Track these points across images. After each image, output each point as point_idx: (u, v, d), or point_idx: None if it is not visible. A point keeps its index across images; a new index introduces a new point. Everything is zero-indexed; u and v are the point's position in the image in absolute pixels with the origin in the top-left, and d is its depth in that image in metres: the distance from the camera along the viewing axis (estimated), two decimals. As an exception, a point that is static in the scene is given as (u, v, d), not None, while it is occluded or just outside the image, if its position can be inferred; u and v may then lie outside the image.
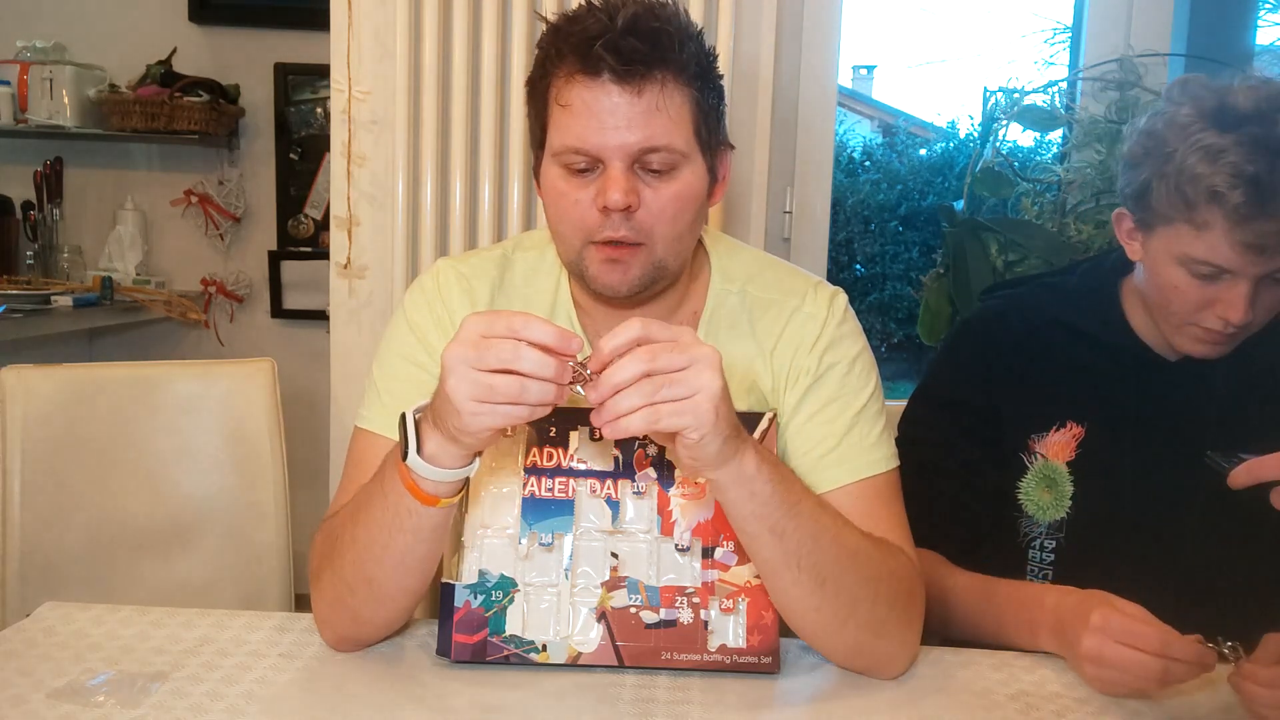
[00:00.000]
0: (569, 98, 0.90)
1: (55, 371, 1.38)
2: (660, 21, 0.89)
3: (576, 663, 0.92)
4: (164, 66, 2.78)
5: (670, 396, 0.75)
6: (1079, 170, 2.00)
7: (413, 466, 0.82)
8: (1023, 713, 0.89)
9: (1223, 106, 1.03)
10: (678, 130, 0.91)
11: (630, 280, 0.93)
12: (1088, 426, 1.17)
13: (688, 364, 0.76)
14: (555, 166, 0.93)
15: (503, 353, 0.74)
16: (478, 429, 0.77)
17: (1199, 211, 1.02)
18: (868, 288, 6.45)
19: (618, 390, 0.74)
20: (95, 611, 1.02)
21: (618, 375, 0.74)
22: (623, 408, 0.74)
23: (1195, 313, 1.08)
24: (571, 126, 0.90)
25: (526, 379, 0.75)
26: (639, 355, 0.75)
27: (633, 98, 0.88)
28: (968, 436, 1.20)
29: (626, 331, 0.76)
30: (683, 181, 0.92)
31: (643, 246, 0.92)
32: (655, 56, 0.88)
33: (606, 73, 0.88)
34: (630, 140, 0.89)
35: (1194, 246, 1.04)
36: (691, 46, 0.92)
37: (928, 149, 6.92)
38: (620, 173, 0.89)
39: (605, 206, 0.90)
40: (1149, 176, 1.07)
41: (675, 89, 0.90)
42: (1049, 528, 1.18)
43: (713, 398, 0.76)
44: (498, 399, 0.75)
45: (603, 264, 0.93)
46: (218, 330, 2.97)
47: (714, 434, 0.77)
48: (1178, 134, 1.04)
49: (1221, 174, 1.00)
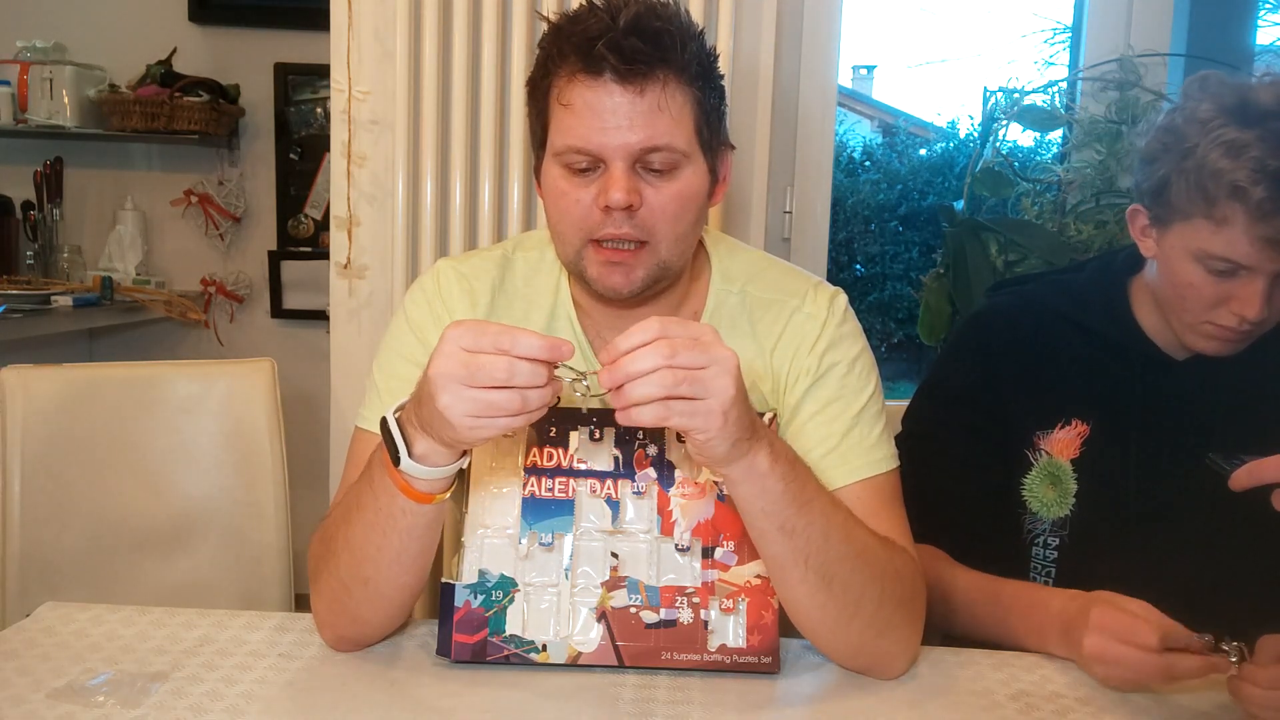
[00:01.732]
0: (571, 97, 0.90)
1: (55, 371, 1.38)
2: (662, 21, 0.90)
3: (576, 663, 0.92)
4: (164, 66, 2.78)
5: (685, 394, 0.75)
6: (1079, 170, 2.00)
7: (405, 470, 0.82)
8: (1023, 713, 0.89)
9: (1244, 102, 1.03)
10: (679, 130, 0.91)
11: (633, 281, 0.93)
12: (1092, 424, 1.17)
13: (706, 364, 0.75)
14: (556, 166, 0.93)
15: (496, 371, 0.74)
16: (475, 439, 0.78)
17: (1219, 207, 1.02)
18: (868, 288, 6.45)
19: (631, 379, 0.74)
20: (95, 611, 1.02)
21: (635, 365, 0.74)
22: (637, 394, 0.74)
23: (1210, 310, 1.08)
24: (573, 126, 0.90)
25: (526, 391, 0.75)
26: (659, 348, 0.74)
27: (635, 97, 0.88)
28: (973, 432, 1.20)
29: (644, 333, 0.75)
30: (684, 181, 0.92)
31: (646, 246, 0.92)
32: (657, 56, 0.88)
33: (608, 72, 0.88)
34: (632, 140, 0.89)
35: (1212, 242, 1.04)
36: (693, 47, 0.92)
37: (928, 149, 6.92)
38: (622, 172, 0.89)
39: (607, 206, 0.90)
40: (1167, 172, 1.07)
41: (677, 89, 0.90)
42: (1053, 525, 1.18)
43: (724, 404, 0.76)
44: (496, 414, 0.75)
45: (603, 266, 0.93)
46: (218, 330, 2.96)
47: (721, 438, 0.77)
48: (1198, 129, 1.04)
49: (1244, 169, 1.00)
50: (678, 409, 0.75)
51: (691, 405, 0.75)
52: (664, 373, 0.74)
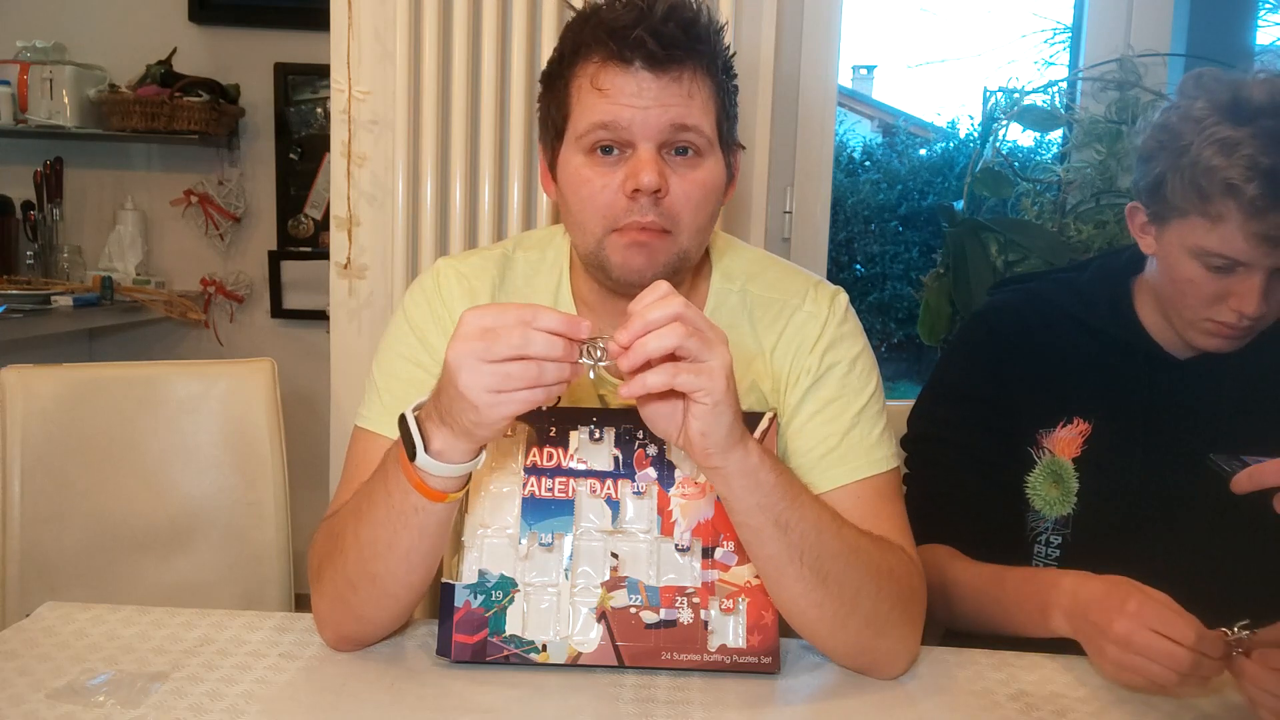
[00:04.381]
0: (603, 81, 0.91)
1: (55, 371, 1.38)
2: (693, 13, 0.92)
3: (576, 663, 0.92)
4: (164, 66, 2.78)
5: (692, 353, 0.76)
6: (1079, 170, 2.00)
7: (421, 466, 0.82)
8: (1023, 713, 0.89)
9: (1237, 100, 1.03)
10: (706, 117, 0.92)
11: (656, 266, 0.93)
12: (1094, 423, 1.17)
13: (706, 327, 0.78)
14: (579, 154, 0.93)
15: (512, 339, 0.75)
16: (496, 419, 0.78)
17: (1214, 204, 1.02)
18: (868, 288, 6.45)
19: (650, 329, 0.75)
20: (95, 611, 1.02)
21: (654, 314, 0.75)
22: (651, 347, 0.75)
23: (1209, 306, 1.08)
24: (604, 105, 0.90)
25: (543, 362, 0.75)
26: (670, 300, 0.76)
27: (668, 82, 0.90)
28: (978, 429, 1.20)
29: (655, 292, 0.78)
30: (707, 170, 0.93)
31: (669, 235, 0.93)
32: (690, 45, 0.90)
33: (641, 59, 0.89)
34: (664, 120, 0.90)
35: (1208, 239, 1.04)
36: (718, 41, 0.94)
37: (928, 149, 6.91)
38: (650, 154, 0.90)
39: (636, 189, 0.90)
40: (1163, 170, 1.07)
41: (705, 79, 0.92)
42: (1055, 523, 1.18)
43: (725, 367, 0.78)
44: (515, 385, 0.76)
45: (628, 248, 0.93)
46: (218, 330, 2.96)
47: (725, 405, 0.78)
48: (1192, 127, 1.04)
49: (1237, 167, 1.00)
50: (685, 368, 0.76)
51: (697, 366, 0.76)
52: (676, 325, 0.75)
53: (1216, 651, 0.87)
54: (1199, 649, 0.86)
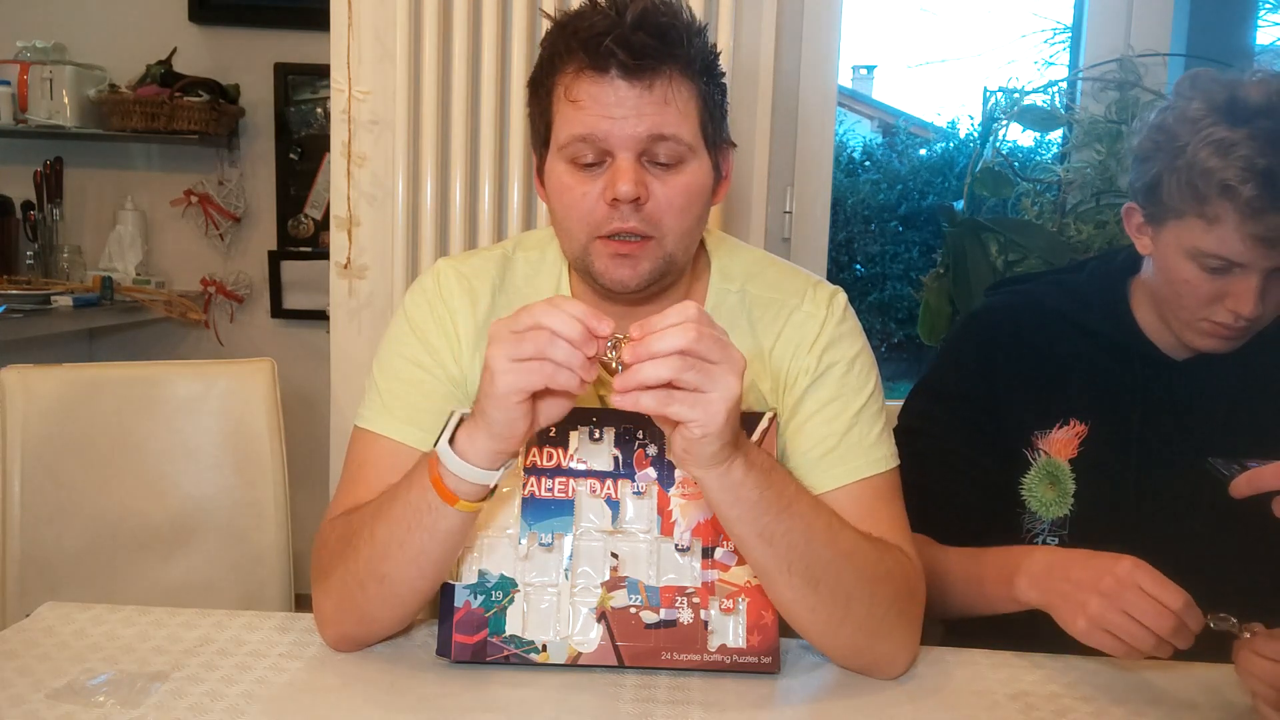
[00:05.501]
0: (577, 93, 0.90)
1: (55, 371, 1.38)
2: (668, 17, 0.90)
3: (576, 663, 0.92)
4: (164, 66, 2.77)
5: (690, 384, 0.75)
6: (1079, 170, 2.00)
7: (441, 454, 0.84)
8: (1023, 713, 0.89)
9: (1233, 100, 1.03)
10: (685, 123, 0.91)
11: (640, 274, 0.93)
12: (1090, 425, 1.17)
13: (720, 360, 0.76)
14: (561, 162, 0.93)
15: (534, 310, 0.77)
16: (506, 389, 0.78)
17: (1210, 205, 1.02)
18: (868, 288, 6.46)
19: (653, 356, 0.74)
20: (95, 611, 1.02)
21: (659, 343, 0.74)
22: (646, 374, 0.74)
23: (1205, 307, 1.08)
24: (580, 117, 0.90)
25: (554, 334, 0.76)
26: (685, 330, 0.75)
27: (642, 90, 0.89)
28: (968, 429, 1.20)
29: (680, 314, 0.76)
30: (690, 175, 0.93)
31: (652, 240, 0.93)
32: (664, 51, 0.89)
33: (615, 68, 0.88)
34: (639, 129, 0.89)
35: (1204, 240, 1.04)
36: (697, 42, 0.93)
37: (928, 149, 6.92)
38: (629, 163, 0.90)
39: (615, 198, 0.90)
40: (1159, 171, 1.07)
41: (682, 83, 0.91)
42: (1052, 525, 1.18)
43: (728, 402, 0.76)
44: (527, 355, 0.76)
45: (611, 259, 0.93)
46: (218, 330, 2.96)
47: (716, 437, 0.77)
48: (1188, 128, 1.04)
49: (1233, 168, 1.00)
50: (680, 398, 0.75)
51: (694, 397, 0.75)
52: (676, 358, 0.74)
53: (1196, 625, 0.88)
54: (1183, 617, 0.87)
